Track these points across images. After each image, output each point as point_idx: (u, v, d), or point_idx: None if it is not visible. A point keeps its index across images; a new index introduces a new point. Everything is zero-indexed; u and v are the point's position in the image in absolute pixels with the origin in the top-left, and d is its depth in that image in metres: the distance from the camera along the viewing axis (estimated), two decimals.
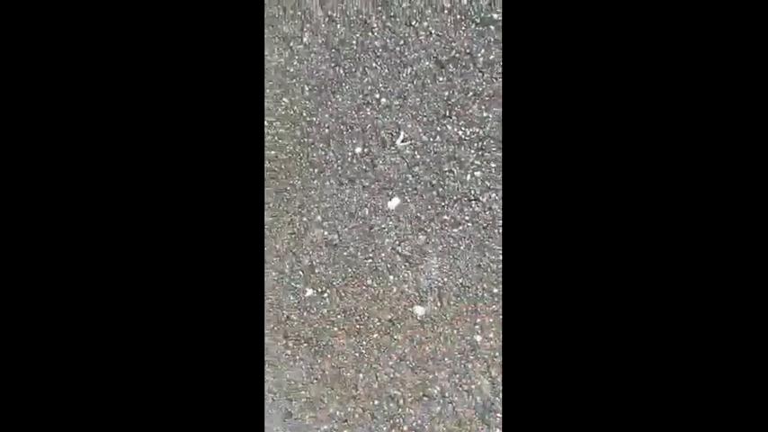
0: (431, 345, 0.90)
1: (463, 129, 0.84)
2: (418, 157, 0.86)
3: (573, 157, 0.53)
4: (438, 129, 0.85)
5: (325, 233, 0.91)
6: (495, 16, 0.81)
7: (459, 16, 0.82)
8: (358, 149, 0.89)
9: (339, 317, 0.93)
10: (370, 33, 0.86)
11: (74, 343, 0.53)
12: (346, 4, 0.86)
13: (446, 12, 0.83)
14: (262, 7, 0.86)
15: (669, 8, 0.51)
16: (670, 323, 0.51)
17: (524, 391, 0.54)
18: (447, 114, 0.84)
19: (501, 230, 0.85)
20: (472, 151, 0.84)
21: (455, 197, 0.86)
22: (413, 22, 0.84)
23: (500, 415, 0.88)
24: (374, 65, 0.87)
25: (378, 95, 0.87)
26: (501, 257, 0.85)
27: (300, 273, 0.93)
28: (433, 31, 0.84)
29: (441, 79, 0.84)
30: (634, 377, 0.52)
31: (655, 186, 0.51)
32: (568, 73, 0.53)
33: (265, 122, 0.93)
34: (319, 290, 0.93)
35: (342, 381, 0.95)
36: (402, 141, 0.87)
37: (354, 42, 0.87)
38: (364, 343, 0.93)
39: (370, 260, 0.90)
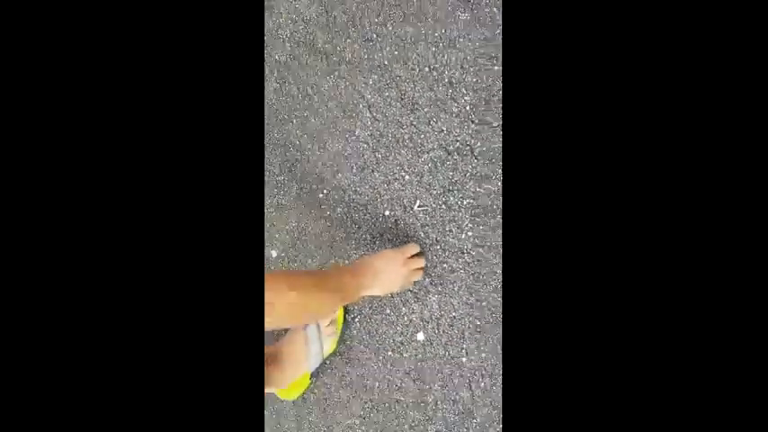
0: (429, 362, 1.15)
1: (461, 200, 1.12)
2: (428, 219, 1.15)
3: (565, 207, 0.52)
4: (443, 199, 1.14)
5: None
6: (489, 119, 1.10)
7: (463, 118, 1.12)
8: (387, 212, 1.19)
9: (365, 336, 1.21)
10: (401, 129, 1.18)
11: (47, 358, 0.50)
12: (386, 109, 1.19)
13: (454, 115, 1.13)
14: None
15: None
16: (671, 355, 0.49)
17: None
18: (450, 189, 1.13)
19: (487, 278, 1.11)
20: (467, 216, 1.12)
21: (453, 251, 1.13)
22: (431, 122, 1.15)
23: (477, 421, 1.11)
24: (402, 152, 1.18)
25: (403, 173, 1.17)
26: (497, 296, 1.10)
27: None
28: (444, 129, 1.14)
29: (448, 163, 1.14)
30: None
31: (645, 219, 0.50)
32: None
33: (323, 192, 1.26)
34: (352, 316, 1.22)
35: (364, 388, 1.22)
36: (418, 207, 1.16)
37: (390, 135, 1.19)
38: (381, 357, 1.20)
39: (390, 295, 1.18)
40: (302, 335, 1.17)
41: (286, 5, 1.28)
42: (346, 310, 1.20)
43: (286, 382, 1.18)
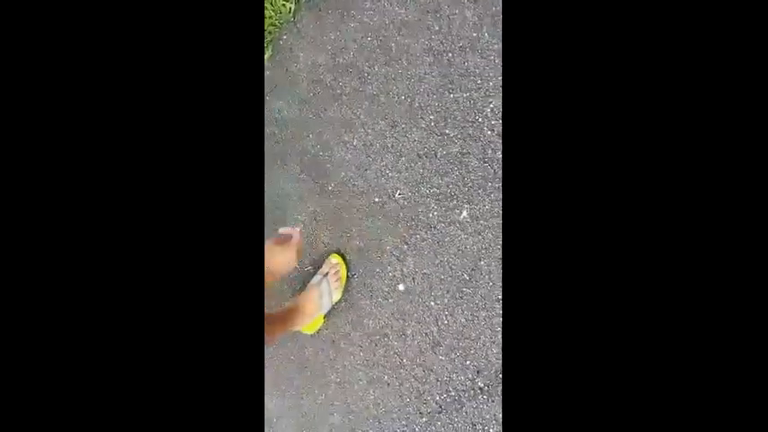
0: (407, 306, 1.60)
1: (429, 189, 1.57)
2: (406, 203, 1.61)
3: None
4: (416, 189, 1.59)
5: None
6: (447, 131, 1.55)
7: (429, 131, 1.57)
8: (376, 199, 1.65)
9: (362, 288, 1.66)
10: (385, 140, 1.64)
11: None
12: (375, 126, 1.65)
13: (422, 129, 1.58)
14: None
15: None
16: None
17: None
18: (421, 182, 1.58)
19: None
20: (433, 201, 1.57)
21: (423, 226, 1.57)
22: (406, 135, 1.60)
23: (442, 348, 1.55)
24: (386, 156, 1.63)
25: (387, 171, 1.63)
26: (456, 258, 1.54)
27: None
28: (416, 139, 1.59)
29: (419, 164, 1.59)
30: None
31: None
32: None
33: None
34: (352, 273, 1.68)
35: (361, 324, 1.67)
36: (398, 195, 1.61)
37: (378, 144, 1.65)
38: (373, 303, 1.65)
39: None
40: (317, 290, 1.63)
41: (304, 55, 1.77)
42: (348, 269, 1.67)
43: (307, 323, 1.64)
